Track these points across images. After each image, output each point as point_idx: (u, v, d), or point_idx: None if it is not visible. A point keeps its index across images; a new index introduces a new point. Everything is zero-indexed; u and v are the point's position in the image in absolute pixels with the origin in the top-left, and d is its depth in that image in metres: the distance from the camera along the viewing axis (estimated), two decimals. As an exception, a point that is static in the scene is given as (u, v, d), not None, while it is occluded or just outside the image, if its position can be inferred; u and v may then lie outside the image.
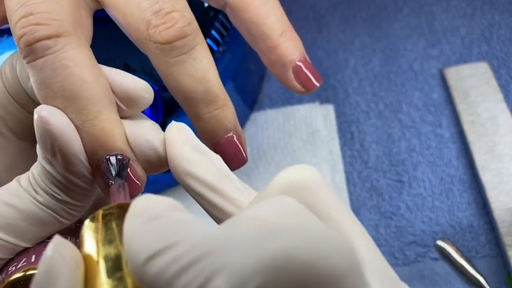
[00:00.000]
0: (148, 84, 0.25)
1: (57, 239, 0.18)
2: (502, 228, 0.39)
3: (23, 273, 0.23)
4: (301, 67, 0.31)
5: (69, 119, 0.23)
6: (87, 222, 0.20)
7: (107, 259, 0.19)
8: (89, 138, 0.23)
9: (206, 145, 0.24)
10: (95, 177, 0.24)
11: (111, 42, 0.26)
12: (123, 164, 0.24)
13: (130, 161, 0.24)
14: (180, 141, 0.24)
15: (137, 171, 0.24)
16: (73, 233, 0.26)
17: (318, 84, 0.31)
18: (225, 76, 0.42)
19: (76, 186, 0.24)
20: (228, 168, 0.24)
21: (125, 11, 0.26)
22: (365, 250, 0.18)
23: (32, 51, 0.23)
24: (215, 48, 0.40)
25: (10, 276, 0.23)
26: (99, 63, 0.25)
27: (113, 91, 0.24)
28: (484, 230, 0.41)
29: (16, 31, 0.24)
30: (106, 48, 0.25)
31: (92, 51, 0.25)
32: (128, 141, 0.24)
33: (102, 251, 0.19)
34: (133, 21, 0.25)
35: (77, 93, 0.23)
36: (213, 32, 0.40)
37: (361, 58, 0.52)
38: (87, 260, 0.19)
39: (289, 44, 0.30)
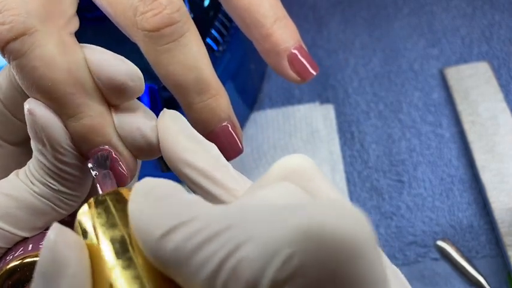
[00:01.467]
0: (136, 69, 0.24)
1: (57, 225, 0.18)
2: (502, 228, 0.39)
3: (20, 261, 0.23)
4: (296, 55, 0.30)
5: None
6: (81, 210, 0.20)
7: (113, 241, 0.19)
8: (74, 134, 0.24)
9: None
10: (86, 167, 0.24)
11: (109, 41, 0.26)
12: (104, 156, 0.24)
13: (118, 151, 0.24)
14: (174, 129, 0.24)
15: (125, 161, 0.24)
16: (70, 225, 0.26)
17: (314, 73, 0.30)
18: (225, 76, 0.42)
19: (68, 174, 0.24)
20: (223, 157, 0.23)
21: (113, 0, 0.25)
22: None
23: (4, 54, 0.23)
24: (215, 47, 0.40)
25: (7, 265, 0.23)
26: None
27: (97, 78, 0.24)
28: (484, 230, 0.41)
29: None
30: (104, 47, 0.25)
31: (70, 36, 0.24)
32: (116, 130, 0.24)
33: (106, 234, 0.19)
34: (121, 9, 0.25)
35: (52, 93, 0.23)
36: (213, 31, 0.40)
37: (361, 58, 0.52)
38: (89, 245, 0.19)
39: (284, 31, 0.30)
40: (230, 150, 0.28)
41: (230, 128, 0.27)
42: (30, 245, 0.24)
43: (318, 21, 0.55)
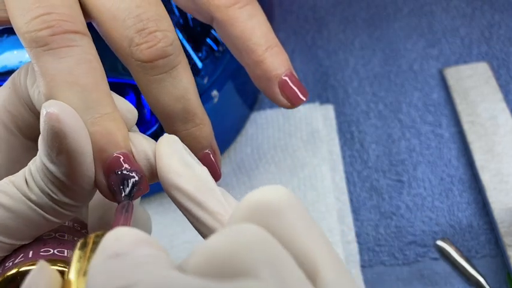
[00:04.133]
0: (132, 106, 0.26)
1: (40, 266, 0.18)
2: (502, 228, 0.39)
3: (17, 269, 0.23)
4: (286, 81, 0.31)
5: (87, 107, 0.23)
6: (76, 249, 0.20)
7: None
8: (101, 133, 0.23)
9: None
10: (98, 176, 0.24)
11: (106, 46, 0.27)
12: (136, 184, 0.24)
13: (136, 162, 0.24)
14: (168, 153, 0.24)
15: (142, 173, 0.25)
16: (71, 231, 0.26)
17: (304, 99, 0.32)
18: (225, 76, 0.42)
19: (77, 186, 0.23)
20: (213, 180, 0.23)
21: (110, 27, 0.26)
22: (330, 270, 0.18)
23: (55, 40, 0.23)
24: (215, 47, 0.40)
25: (7, 272, 0.23)
26: None
27: None
28: (484, 230, 0.41)
29: (36, 26, 0.23)
30: (104, 53, 0.26)
31: None
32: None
33: (79, 282, 0.19)
34: (117, 37, 0.26)
35: (96, 86, 0.23)
36: (212, 31, 0.40)
37: (361, 58, 0.52)
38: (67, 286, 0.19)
39: (275, 58, 0.31)
40: None
41: (211, 156, 0.29)
42: (31, 252, 0.24)
43: (318, 21, 0.55)
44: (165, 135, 0.25)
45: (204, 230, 0.23)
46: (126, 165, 0.23)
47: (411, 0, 0.55)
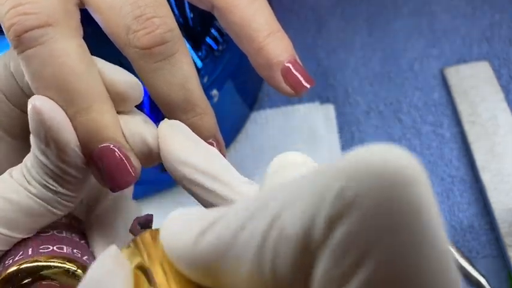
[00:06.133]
0: (135, 79, 0.25)
1: (113, 250, 0.18)
2: (503, 228, 0.39)
3: (18, 266, 0.23)
4: (289, 68, 0.30)
5: (62, 109, 0.23)
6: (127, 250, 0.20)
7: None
8: (81, 129, 0.23)
9: None
10: (89, 167, 0.24)
11: (105, 41, 0.26)
12: (148, 220, 0.23)
13: (125, 150, 0.24)
14: (173, 132, 0.24)
15: (131, 162, 0.24)
16: (68, 228, 0.26)
17: (308, 86, 0.30)
18: (225, 75, 0.42)
19: (70, 176, 0.24)
20: (222, 156, 0.23)
21: (107, 15, 0.25)
22: None
23: (21, 41, 0.23)
24: (215, 47, 0.40)
25: (7, 269, 0.23)
26: None
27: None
28: (485, 230, 0.41)
29: (5, 22, 0.23)
30: (100, 46, 0.25)
31: (84, 42, 0.25)
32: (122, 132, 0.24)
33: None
34: (115, 25, 0.25)
35: (69, 83, 0.23)
36: (212, 30, 0.40)
37: (361, 58, 0.52)
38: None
39: (276, 45, 0.29)
40: None
41: (215, 146, 0.27)
42: (30, 249, 0.24)
43: (318, 21, 0.55)
44: (166, 119, 0.25)
45: (219, 202, 0.22)
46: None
47: (411, 0, 0.55)
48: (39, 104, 0.22)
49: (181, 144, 0.23)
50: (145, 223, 0.22)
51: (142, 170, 0.26)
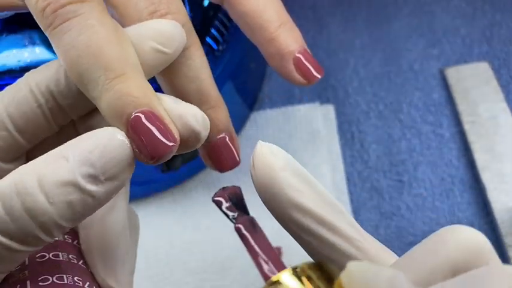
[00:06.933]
0: (171, 36, 0.24)
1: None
2: (503, 228, 0.39)
3: None
4: (300, 59, 0.30)
5: (95, 77, 0.22)
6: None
7: None
8: (115, 96, 0.22)
9: None
10: (127, 136, 0.21)
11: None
12: (237, 194, 0.21)
13: (161, 114, 0.22)
14: (278, 165, 0.20)
15: (171, 129, 0.22)
16: (64, 247, 0.25)
17: (318, 76, 0.31)
18: (225, 75, 0.42)
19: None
20: (336, 201, 0.21)
21: (123, 11, 0.26)
22: None
23: (57, 16, 0.22)
24: (215, 47, 0.40)
25: None
26: None
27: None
28: (485, 230, 0.41)
29: (39, 4, 0.23)
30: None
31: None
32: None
33: None
34: (130, 22, 0.26)
35: (103, 50, 0.22)
36: (212, 30, 0.39)
37: (361, 58, 0.52)
38: None
39: (288, 35, 0.30)
40: (227, 162, 0.28)
41: (228, 140, 0.28)
42: (29, 284, 0.22)
43: (318, 21, 0.55)
44: (262, 142, 0.21)
45: (335, 256, 0.20)
46: (151, 125, 0.21)
47: (411, 0, 0.55)
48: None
49: (292, 181, 0.20)
50: (234, 196, 0.20)
51: (143, 170, 0.26)
